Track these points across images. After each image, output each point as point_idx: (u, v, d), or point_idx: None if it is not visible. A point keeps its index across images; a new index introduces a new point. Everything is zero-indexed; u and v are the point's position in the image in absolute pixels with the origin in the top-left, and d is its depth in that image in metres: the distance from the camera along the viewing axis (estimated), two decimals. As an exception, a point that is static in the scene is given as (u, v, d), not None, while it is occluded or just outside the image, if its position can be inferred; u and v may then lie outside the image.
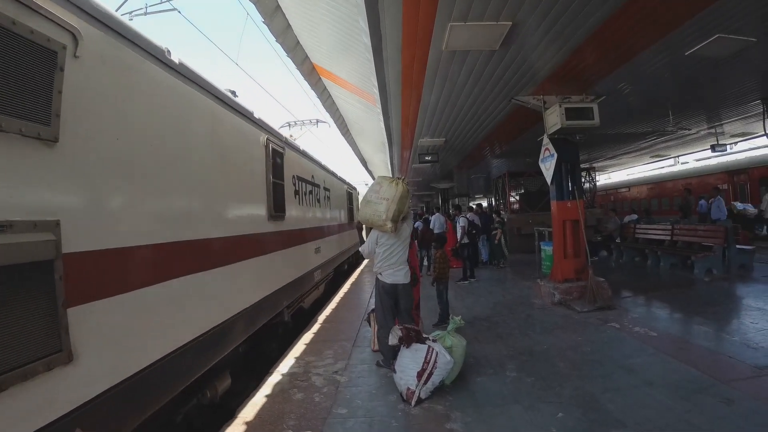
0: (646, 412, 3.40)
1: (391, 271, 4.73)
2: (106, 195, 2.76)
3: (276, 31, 7.31)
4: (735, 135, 13.77)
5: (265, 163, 5.80)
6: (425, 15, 4.47)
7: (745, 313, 6.06)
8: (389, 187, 4.63)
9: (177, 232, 3.51)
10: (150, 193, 3.22)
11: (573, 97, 7.35)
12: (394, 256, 4.72)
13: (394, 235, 4.70)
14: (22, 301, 2.03)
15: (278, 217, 6.14)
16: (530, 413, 3.54)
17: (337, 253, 11.63)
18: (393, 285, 4.73)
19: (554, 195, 7.73)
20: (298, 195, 7.56)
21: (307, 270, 7.75)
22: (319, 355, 5.43)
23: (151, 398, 3.06)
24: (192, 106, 3.94)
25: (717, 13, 4.81)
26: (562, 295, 7.27)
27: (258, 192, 5.50)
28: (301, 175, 7.94)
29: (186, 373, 3.51)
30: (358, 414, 3.74)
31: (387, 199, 4.56)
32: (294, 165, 7.35)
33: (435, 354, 3.99)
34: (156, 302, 3.17)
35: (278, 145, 6.41)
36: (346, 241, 13.84)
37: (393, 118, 8.59)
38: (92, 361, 2.46)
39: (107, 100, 2.78)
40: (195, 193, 3.87)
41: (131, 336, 2.87)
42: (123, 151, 2.91)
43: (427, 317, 6.49)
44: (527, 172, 17.10)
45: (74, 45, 2.44)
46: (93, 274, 2.56)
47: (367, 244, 4.91)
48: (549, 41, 5.27)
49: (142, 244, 3.06)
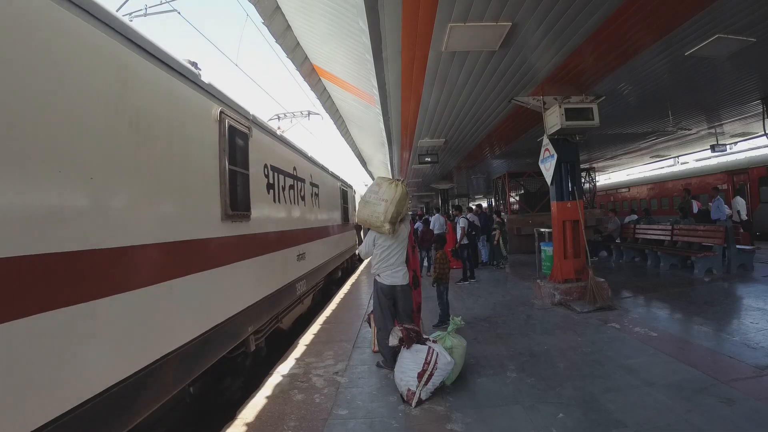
0: (646, 412, 3.40)
1: (389, 272, 4.71)
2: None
3: (276, 32, 7.31)
4: (735, 135, 13.77)
5: (218, 145, 4.29)
6: (425, 16, 4.48)
7: (746, 313, 6.06)
8: (388, 188, 4.58)
9: (35, 240, 2.14)
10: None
11: (573, 98, 7.36)
12: (392, 257, 4.71)
13: (391, 237, 4.68)
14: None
15: (239, 216, 4.63)
16: (531, 414, 3.54)
17: (327, 259, 10.02)
18: (391, 286, 4.70)
19: (554, 195, 7.73)
20: (274, 190, 6.16)
21: (286, 282, 6.33)
22: (320, 356, 5.42)
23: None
24: (74, 45, 2.50)
25: (716, 13, 4.82)
26: (562, 295, 7.27)
27: (203, 182, 3.99)
28: (279, 165, 6.47)
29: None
30: (359, 415, 3.73)
31: (386, 200, 4.51)
32: (267, 152, 5.95)
33: (435, 355, 3.98)
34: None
35: (240, 123, 4.86)
36: (340, 244, 12.34)
37: (392, 119, 8.59)
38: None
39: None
40: (78, 177, 2.45)
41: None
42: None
43: (427, 318, 6.49)
44: (527, 173, 17.12)
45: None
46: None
47: (364, 245, 4.89)
48: (549, 42, 5.28)
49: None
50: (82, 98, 2.54)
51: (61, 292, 2.27)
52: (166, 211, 3.35)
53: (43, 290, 2.16)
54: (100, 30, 2.70)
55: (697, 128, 12.05)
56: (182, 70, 3.73)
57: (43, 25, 2.28)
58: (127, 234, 2.82)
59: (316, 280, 8.66)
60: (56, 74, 2.35)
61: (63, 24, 2.42)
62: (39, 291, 2.14)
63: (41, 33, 2.26)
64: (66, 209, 2.35)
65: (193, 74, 3.92)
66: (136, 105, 3.02)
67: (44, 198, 2.22)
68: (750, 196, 15.18)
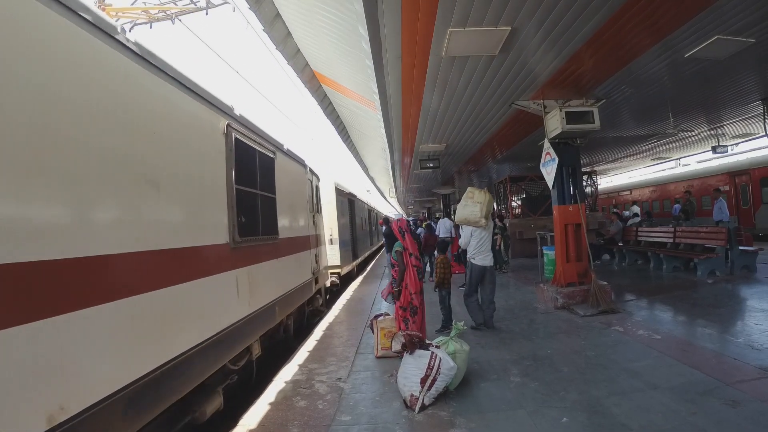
0: (651, 415, 3.38)
1: (481, 256, 6.18)
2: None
3: (276, 39, 7.36)
4: (736, 136, 13.77)
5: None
6: (424, 21, 4.51)
7: (749, 315, 6.03)
8: (480, 194, 6.13)
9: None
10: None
11: (573, 101, 7.38)
12: (484, 245, 6.20)
13: (485, 229, 6.14)
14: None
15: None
16: (535, 418, 3.52)
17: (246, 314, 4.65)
18: (483, 267, 6.19)
19: (556, 199, 7.73)
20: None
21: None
22: (322, 362, 5.41)
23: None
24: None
25: (715, 14, 4.84)
26: (564, 299, 7.25)
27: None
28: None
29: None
30: (362, 421, 3.72)
31: (480, 203, 6.03)
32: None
33: (438, 360, 3.97)
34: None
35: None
36: (297, 271, 7.05)
37: (393, 125, 8.62)
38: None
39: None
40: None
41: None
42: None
43: (430, 323, 6.47)
44: (528, 176, 17.12)
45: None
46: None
47: (464, 238, 6.37)
48: (548, 46, 5.30)
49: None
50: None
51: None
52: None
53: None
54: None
55: (698, 130, 12.06)
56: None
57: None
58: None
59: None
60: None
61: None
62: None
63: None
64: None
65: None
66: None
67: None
68: (752, 197, 15.17)
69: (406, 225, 5.64)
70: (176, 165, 3.49)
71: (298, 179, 7.64)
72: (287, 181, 6.68)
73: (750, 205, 15.33)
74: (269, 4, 6.59)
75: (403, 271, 5.40)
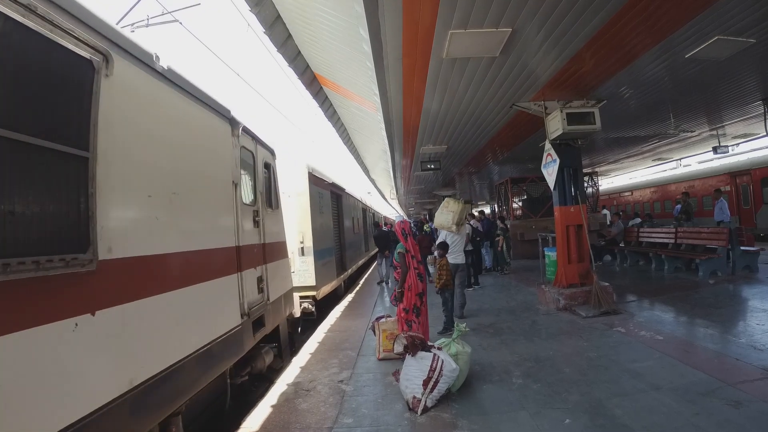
0: (653, 416, 3.38)
1: (454, 255, 6.96)
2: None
3: (277, 41, 7.36)
4: (737, 136, 13.75)
5: None
6: (425, 23, 4.51)
7: (751, 315, 6.02)
8: (454, 204, 7.13)
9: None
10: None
11: (574, 102, 7.38)
12: (457, 246, 7.10)
13: (456, 234, 7.10)
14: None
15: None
16: (537, 420, 3.52)
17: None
18: (455, 264, 6.94)
19: (557, 200, 7.73)
20: None
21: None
22: (324, 365, 5.41)
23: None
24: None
25: (715, 15, 4.85)
26: (566, 300, 7.24)
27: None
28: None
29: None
30: (364, 423, 3.72)
31: (453, 212, 7.01)
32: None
33: (440, 362, 3.97)
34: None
35: None
36: (188, 327, 3.46)
37: (394, 127, 8.62)
38: None
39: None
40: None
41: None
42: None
43: (432, 325, 6.46)
44: (530, 178, 17.10)
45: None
46: None
47: (440, 239, 7.19)
48: (549, 47, 5.30)
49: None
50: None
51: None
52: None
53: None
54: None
55: (699, 130, 12.05)
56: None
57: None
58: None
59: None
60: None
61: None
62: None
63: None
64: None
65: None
66: None
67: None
68: (753, 197, 15.15)
69: (408, 227, 5.70)
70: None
71: (195, 135, 3.91)
72: (147, 128, 3.12)
73: (751, 205, 15.31)
74: (270, 6, 6.60)
75: (405, 272, 5.42)
